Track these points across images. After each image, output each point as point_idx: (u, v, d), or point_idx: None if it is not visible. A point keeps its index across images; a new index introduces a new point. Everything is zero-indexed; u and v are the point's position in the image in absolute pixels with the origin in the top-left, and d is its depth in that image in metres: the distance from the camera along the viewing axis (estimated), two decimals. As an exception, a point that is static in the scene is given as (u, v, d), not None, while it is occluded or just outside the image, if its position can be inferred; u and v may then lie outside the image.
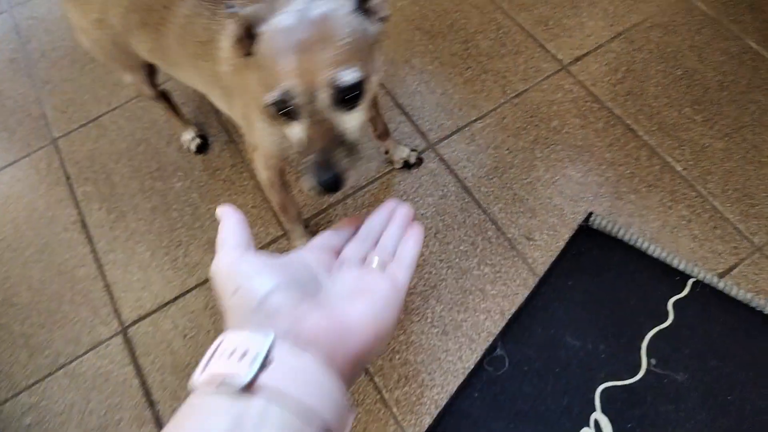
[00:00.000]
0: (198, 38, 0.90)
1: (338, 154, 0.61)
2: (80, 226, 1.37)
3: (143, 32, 0.97)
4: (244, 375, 0.33)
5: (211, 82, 0.95)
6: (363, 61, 0.64)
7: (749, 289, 1.10)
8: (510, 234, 1.22)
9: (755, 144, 1.26)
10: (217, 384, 0.34)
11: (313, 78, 0.61)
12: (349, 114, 0.64)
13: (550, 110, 1.36)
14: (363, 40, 0.66)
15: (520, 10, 1.52)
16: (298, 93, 0.61)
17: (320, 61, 0.61)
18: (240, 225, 0.44)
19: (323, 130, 0.62)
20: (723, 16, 1.44)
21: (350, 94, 0.63)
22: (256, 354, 0.34)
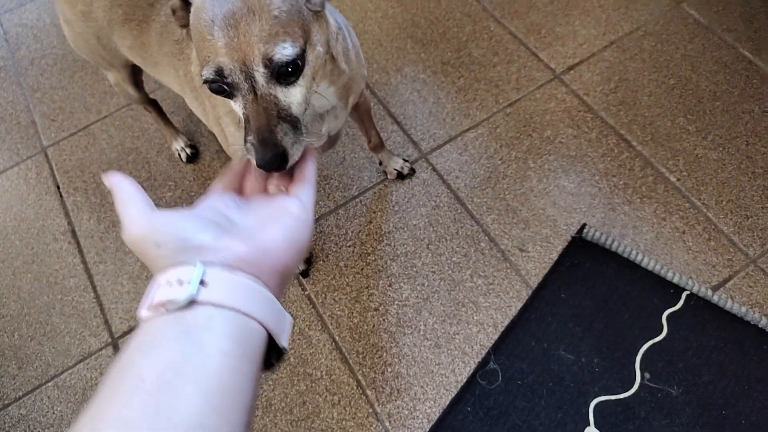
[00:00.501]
0: (175, 37, 0.90)
1: (280, 131, 0.58)
2: (70, 236, 1.36)
3: (126, 28, 0.96)
4: (185, 294, 0.37)
5: (184, 83, 0.94)
6: (298, 35, 0.61)
7: (743, 302, 1.10)
8: (503, 245, 1.21)
9: (749, 154, 1.26)
10: (162, 309, 0.37)
11: (245, 54, 0.58)
12: (288, 89, 0.61)
13: (543, 120, 1.35)
14: (299, 15, 0.62)
15: (513, 18, 1.51)
16: (232, 70, 0.58)
17: (251, 36, 0.58)
18: (137, 190, 0.45)
19: (262, 107, 0.59)
20: (716, 25, 1.44)
21: (287, 69, 0.60)
22: (190, 279, 0.38)
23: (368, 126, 1.19)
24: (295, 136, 0.59)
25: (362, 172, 1.34)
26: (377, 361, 1.12)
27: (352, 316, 1.18)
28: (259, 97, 0.59)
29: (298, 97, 0.62)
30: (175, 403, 0.33)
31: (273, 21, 0.58)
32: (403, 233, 1.25)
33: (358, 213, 1.30)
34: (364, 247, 1.25)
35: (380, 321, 1.16)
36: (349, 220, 1.29)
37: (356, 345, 1.14)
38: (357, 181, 1.34)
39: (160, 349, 0.36)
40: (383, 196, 1.31)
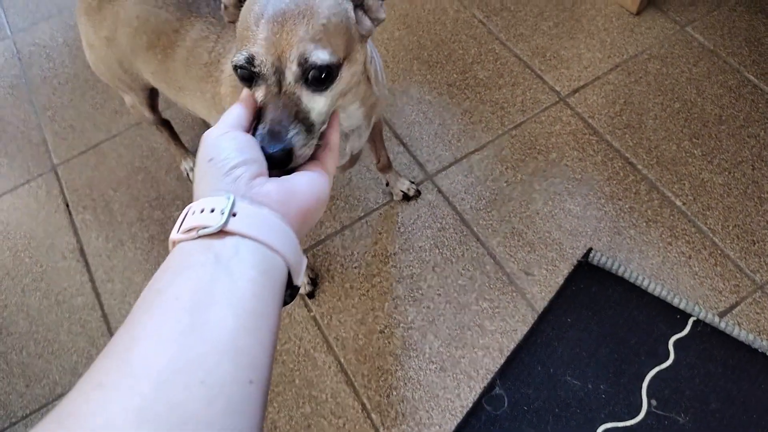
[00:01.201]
0: (203, 61, 0.91)
1: (293, 129, 0.57)
2: (79, 254, 1.37)
3: (150, 54, 0.98)
4: (216, 222, 0.41)
5: (211, 105, 0.96)
6: (340, 49, 0.62)
7: (751, 328, 1.09)
8: (509, 268, 1.21)
9: (755, 179, 1.26)
10: (194, 233, 0.41)
11: (283, 50, 0.59)
12: (314, 95, 0.61)
13: (548, 142, 1.36)
14: (346, 30, 0.63)
15: (518, 41, 1.53)
16: (263, 62, 0.59)
17: (294, 35, 0.59)
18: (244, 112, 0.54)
19: (283, 102, 0.59)
20: (720, 49, 1.45)
21: (319, 75, 0.60)
22: (222, 208, 0.41)
23: (379, 146, 1.20)
24: (307, 139, 0.58)
25: (368, 193, 1.35)
26: (382, 384, 1.12)
27: (358, 338, 1.18)
28: (282, 93, 0.59)
29: (321, 106, 0.62)
30: (209, 321, 0.36)
31: (319, 27, 0.60)
32: (408, 255, 1.26)
33: (363, 234, 1.30)
34: (369, 269, 1.25)
35: (385, 343, 1.17)
36: (355, 241, 1.29)
37: (361, 367, 1.15)
38: (363, 202, 1.34)
39: (192, 272, 0.39)
40: (389, 217, 1.32)
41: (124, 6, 0.96)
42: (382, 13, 0.68)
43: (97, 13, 0.99)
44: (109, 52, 1.04)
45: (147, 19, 0.94)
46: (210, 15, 0.91)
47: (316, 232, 1.32)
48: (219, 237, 0.41)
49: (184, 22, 0.92)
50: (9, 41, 1.77)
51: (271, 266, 0.42)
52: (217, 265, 0.39)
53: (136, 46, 0.98)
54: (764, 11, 1.50)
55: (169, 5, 0.93)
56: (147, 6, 0.94)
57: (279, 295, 0.42)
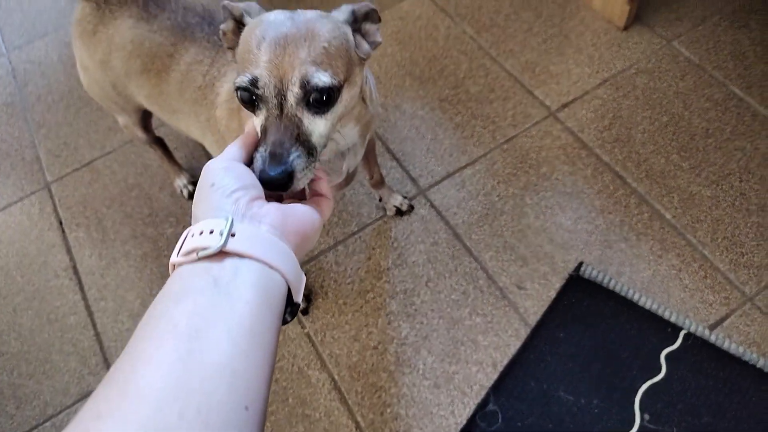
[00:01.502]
0: (197, 84, 0.92)
1: (294, 152, 0.58)
2: (72, 272, 1.37)
3: (144, 78, 0.99)
4: (215, 243, 0.42)
5: (206, 128, 0.96)
6: (340, 71, 0.63)
7: (741, 341, 1.10)
8: (501, 283, 1.22)
9: (742, 191, 1.27)
10: (194, 255, 0.42)
11: (285, 72, 0.60)
12: (314, 118, 0.62)
13: (539, 156, 1.37)
14: (346, 53, 0.65)
15: (508, 56, 1.54)
16: (266, 84, 0.60)
17: (296, 58, 0.60)
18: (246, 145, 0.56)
19: (284, 125, 0.60)
20: (706, 63, 1.47)
21: (320, 98, 0.61)
22: (221, 230, 0.43)
23: (372, 162, 1.21)
24: (307, 162, 0.59)
25: (361, 209, 1.36)
26: (376, 402, 1.12)
27: (351, 354, 1.18)
28: (284, 116, 0.60)
29: (322, 128, 0.63)
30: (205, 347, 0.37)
31: (321, 50, 0.61)
32: (402, 270, 1.26)
33: (357, 249, 1.31)
34: (363, 285, 1.26)
35: (379, 360, 1.17)
36: (348, 256, 1.30)
37: (355, 384, 1.15)
38: (356, 218, 1.35)
39: (191, 298, 0.39)
40: (382, 232, 1.32)
41: (119, 30, 0.97)
42: (378, 37, 0.71)
43: (92, 36, 1.00)
44: (103, 75, 1.05)
45: (141, 44, 0.95)
46: (204, 40, 0.92)
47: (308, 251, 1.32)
48: (218, 259, 0.42)
49: (179, 46, 0.93)
50: (4, 59, 1.78)
51: (270, 283, 0.43)
52: (215, 289, 0.40)
53: (130, 69, 0.99)
54: (748, 26, 1.52)
55: (163, 30, 0.94)
56: (141, 30, 0.95)
57: (278, 314, 0.43)
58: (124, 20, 0.96)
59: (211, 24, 0.94)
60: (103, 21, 0.99)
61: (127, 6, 0.97)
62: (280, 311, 0.43)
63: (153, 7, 0.95)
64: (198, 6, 0.96)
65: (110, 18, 0.98)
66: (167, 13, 0.95)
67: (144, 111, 1.18)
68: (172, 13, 0.95)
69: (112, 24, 0.98)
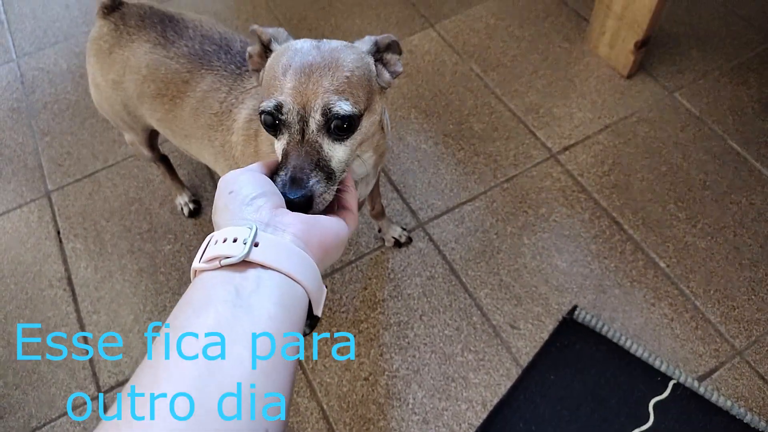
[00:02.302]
0: (213, 111, 0.94)
1: (314, 176, 0.60)
2: (66, 283, 1.37)
3: (157, 102, 1.00)
4: (238, 252, 0.41)
5: (219, 153, 0.97)
6: (361, 101, 0.65)
7: (729, 395, 1.11)
8: (495, 321, 1.23)
9: (736, 245, 1.29)
10: (217, 262, 0.42)
11: (308, 99, 0.62)
12: (334, 144, 0.64)
13: (538, 197, 1.39)
14: (368, 83, 0.67)
15: (513, 96, 1.58)
16: (290, 110, 0.62)
17: (320, 86, 0.62)
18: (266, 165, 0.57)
19: (305, 151, 0.62)
20: (706, 116, 1.51)
21: (341, 125, 0.63)
22: (245, 238, 0.42)
23: (375, 193, 1.22)
24: (327, 186, 0.61)
25: (360, 238, 1.37)
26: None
27: (342, 384, 1.18)
28: (305, 141, 0.62)
29: (341, 155, 0.65)
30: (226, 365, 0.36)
31: (343, 80, 0.63)
32: (397, 302, 1.27)
33: (353, 278, 1.31)
34: (357, 314, 1.26)
35: (369, 391, 1.17)
36: (345, 285, 1.30)
37: (344, 415, 1.14)
38: (354, 246, 1.36)
39: (212, 309, 0.39)
40: (379, 262, 1.33)
41: (135, 53, 0.98)
42: (399, 67, 0.74)
43: (107, 56, 1.02)
44: (114, 94, 1.06)
45: (157, 69, 0.96)
46: (221, 68, 0.94)
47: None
48: (241, 268, 0.42)
49: (195, 74, 0.94)
50: (14, 64, 1.80)
51: (292, 297, 0.42)
52: (237, 300, 0.39)
53: (143, 93, 1.00)
54: (747, 83, 1.56)
55: (180, 57, 0.95)
56: (158, 56, 0.96)
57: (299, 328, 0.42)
58: (141, 44, 0.98)
59: (228, 53, 0.95)
60: (120, 42, 1.00)
61: (146, 30, 0.98)
62: (301, 326, 0.43)
63: (171, 33, 0.97)
64: (215, 34, 0.98)
65: (127, 40, 0.99)
66: (185, 41, 0.96)
67: (152, 130, 1.19)
68: (190, 40, 0.96)
69: (128, 46, 0.99)
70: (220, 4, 1.91)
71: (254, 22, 1.82)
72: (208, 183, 1.50)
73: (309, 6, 1.87)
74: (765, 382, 1.13)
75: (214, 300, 0.40)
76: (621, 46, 1.54)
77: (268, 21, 1.84)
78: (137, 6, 1.03)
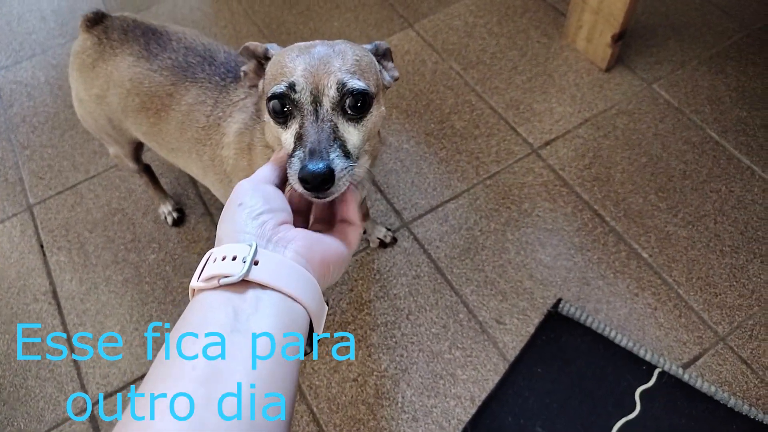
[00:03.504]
0: (200, 124, 0.93)
1: (333, 151, 0.58)
2: (51, 296, 1.36)
3: (142, 115, 0.99)
4: (238, 272, 0.41)
5: (208, 167, 0.97)
6: (372, 83, 0.65)
7: (713, 380, 1.12)
8: (481, 317, 1.23)
9: (717, 233, 1.31)
10: (215, 281, 0.41)
11: (321, 79, 0.61)
12: (348, 125, 0.63)
13: (521, 193, 1.40)
14: (375, 71, 0.69)
15: (493, 93, 1.58)
16: (303, 88, 0.61)
17: (331, 66, 0.62)
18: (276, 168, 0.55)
19: (323, 127, 0.60)
20: (684, 106, 1.52)
21: (355, 103, 0.62)
22: (244, 257, 0.41)
23: None
24: (347, 163, 0.59)
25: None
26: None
27: (331, 386, 1.18)
28: (319, 120, 0.61)
29: (355, 138, 0.64)
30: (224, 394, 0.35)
31: (353, 62, 0.65)
32: (383, 302, 1.27)
33: (339, 281, 1.31)
34: (344, 316, 1.26)
35: (358, 392, 1.17)
36: (331, 287, 1.31)
37: (334, 417, 1.14)
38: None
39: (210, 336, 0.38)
40: (365, 264, 1.33)
41: (118, 67, 0.98)
42: (395, 72, 0.76)
43: (90, 70, 1.01)
44: (98, 108, 1.05)
45: (141, 82, 0.96)
46: (206, 80, 0.93)
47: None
48: (240, 288, 0.41)
49: (179, 86, 0.94)
50: (-9, 79, 1.78)
51: (291, 318, 0.41)
52: (236, 323, 0.39)
53: (127, 106, 0.99)
54: (724, 72, 1.58)
55: (163, 70, 0.95)
56: (141, 69, 0.96)
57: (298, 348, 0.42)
58: (125, 57, 0.97)
59: (212, 64, 0.95)
60: (103, 56, 1.00)
61: (129, 43, 0.98)
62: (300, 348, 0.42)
63: (155, 46, 0.97)
64: (199, 46, 0.98)
65: (110, 54, 0.99)
66: (168, 53, 0.96)
67: (138, 143, 1.19)
68: (174, 52, 0.96)
69: (112, 60, 0.99)
70: (198, 12, 1.91)
71: (233, 29, 1.82)
72: (191, 191, 1.50)
73: (287, 11, 1.88)
74: (748, 367, 1.14)
75: (212, 323, 0.39)
76: (598, 40, 1.55)
77: (246, 27, 1.83)
78: (120, 19, 1.02)
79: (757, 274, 1.25)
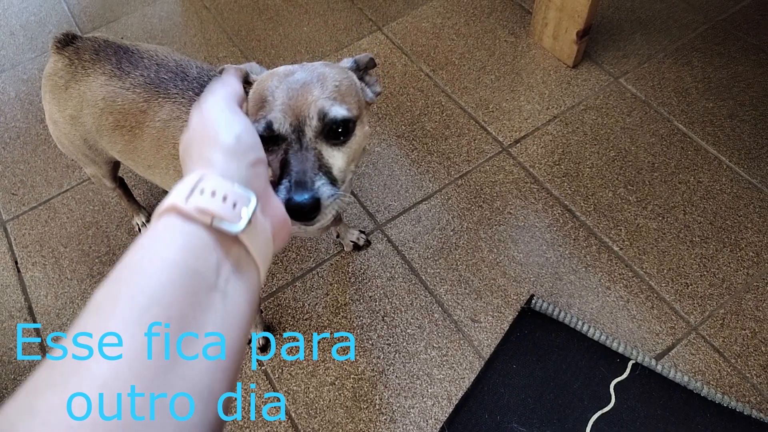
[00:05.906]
0: (176, 140, 0.93)
1: (318, 180, 0.58)
2: (26, 313, 1.35)
3: (116, 134, 0.99)
4: (237, 224, 0.37)
5: None
6: (353, 107, 0.65)
7: (687, 370, 1.14)
8: (456, 316, 1.24)
9: (686, 224, 1.32)
10: (208, 219, 0.36)
11: (301, 110, 0.61)
12: (332, 151, 0.63)
13: (492, 191, 1.41)
14: (356, 93, 0.68)
15: (463, 93, 1.59)
16: (281, 123, 0.61)
17: (311, 95, 0.62)
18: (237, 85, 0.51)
19: (306, 156, 0.60)
20: (652, 99, 1.54)
21: (337, 129, 0.62)
22: (240, 205, 0.38)
23: None
24: (332, 190, 0.59)
25: (319, 244, 1.37)
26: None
27: (308, 391, 1.18)
28: (303, 149, 0.61)
29: (340, 162, 0.64)
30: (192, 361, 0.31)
31: (333, 88, 0.64)
32: (359, 305, 1.28)
33: (315, 285, 1.32)
34: (320, 320, 1.26)
35: (336, 395, 1.17)
36: (306, 292, 1.31)
37: (312, 422, 1.14)
38: (314, 253, 1.36)
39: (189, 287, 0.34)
40: (340, 267, 1.34)
41: (90, 87, 0.97)
42: (378, 87, 0.76)
43: (63, 91, 1.00)
44: (73, 129, 1.04)
45: (114, 100, 0.95)
46: (179, 96, 0.93)
47: (268, 284, 1.33)
48: (226, 242, 0.37)
49: (152, 103, 0.93)
50: (-40, 96, 1.77)
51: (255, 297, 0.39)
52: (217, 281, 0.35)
53: (101, 126, 0.99)
54: (690, 64, 1.60)
55: (136, 87, 0.94)
56: (114, 87, 0.95)
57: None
58: (97, 77, 0.97)
59: (185, 80, 0.95)
60: (75, 77, 0.99)
61: (101, 63, 0.97)
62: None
63: (126, 64, 0.96)
64: (171, 62, 0.97)
65: (83, 74, 0.99)
66: (140, 70, 0.95)
67: (115, 162, 1.18)
68: (146, 69, 0.96)
69: (84, 80, 0.98)
70: (167, 21, 1.90)
71: (202, 37, 1.82)
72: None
73: (256, 17, 1.88)
74: (720, 355, 1.16)
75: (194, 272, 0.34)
76: (564, 37, 1.57)
77: (216, 35, 1.83)
78: (91, 40, 1.02)
79: (727, 263, 1.27)
